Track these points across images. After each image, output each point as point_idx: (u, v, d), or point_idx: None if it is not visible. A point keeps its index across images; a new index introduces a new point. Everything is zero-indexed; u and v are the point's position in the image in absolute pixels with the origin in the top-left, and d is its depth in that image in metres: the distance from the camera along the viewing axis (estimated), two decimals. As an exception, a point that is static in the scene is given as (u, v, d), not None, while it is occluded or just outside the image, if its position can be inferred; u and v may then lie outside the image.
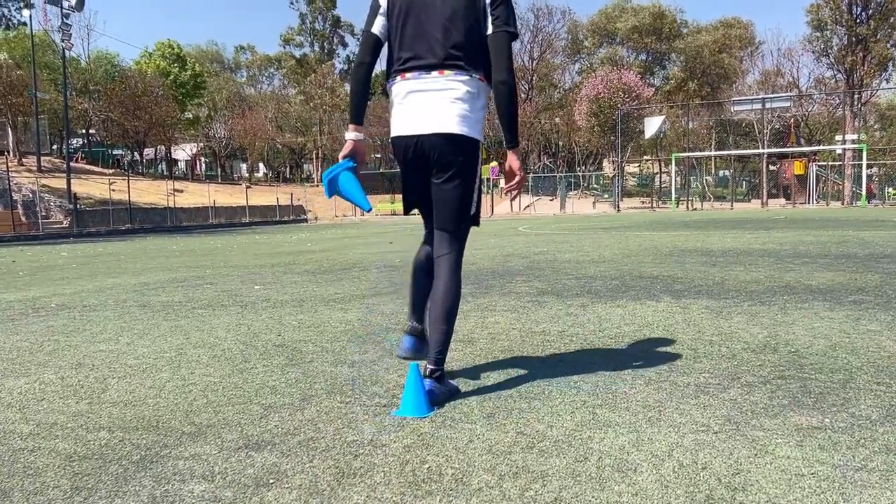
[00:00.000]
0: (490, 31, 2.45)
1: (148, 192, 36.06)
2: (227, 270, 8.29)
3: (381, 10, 2.54)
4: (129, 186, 29.05)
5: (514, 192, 2.65)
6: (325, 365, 3.11)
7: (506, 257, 8.82)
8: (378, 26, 2.54)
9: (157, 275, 8.02)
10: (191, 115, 50.97)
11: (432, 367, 2.47)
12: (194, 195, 38.55)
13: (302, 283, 6.49)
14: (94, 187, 34.21)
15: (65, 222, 28.32)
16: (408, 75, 2.48)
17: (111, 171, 40.21)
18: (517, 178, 2.59)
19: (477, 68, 2.47)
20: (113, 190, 32.16)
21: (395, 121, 2.55)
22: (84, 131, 47.74)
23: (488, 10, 2.44)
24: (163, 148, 53.32)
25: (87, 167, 42.12)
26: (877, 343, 3.23)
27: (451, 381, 2.58)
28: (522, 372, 2.87)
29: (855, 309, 4.16)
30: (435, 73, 2.45)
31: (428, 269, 2.66)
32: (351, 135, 2.58)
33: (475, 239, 13.49)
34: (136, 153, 50.26)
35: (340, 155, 2.57)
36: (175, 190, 37.78)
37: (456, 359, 3.13)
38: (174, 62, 47.61)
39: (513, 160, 2.57)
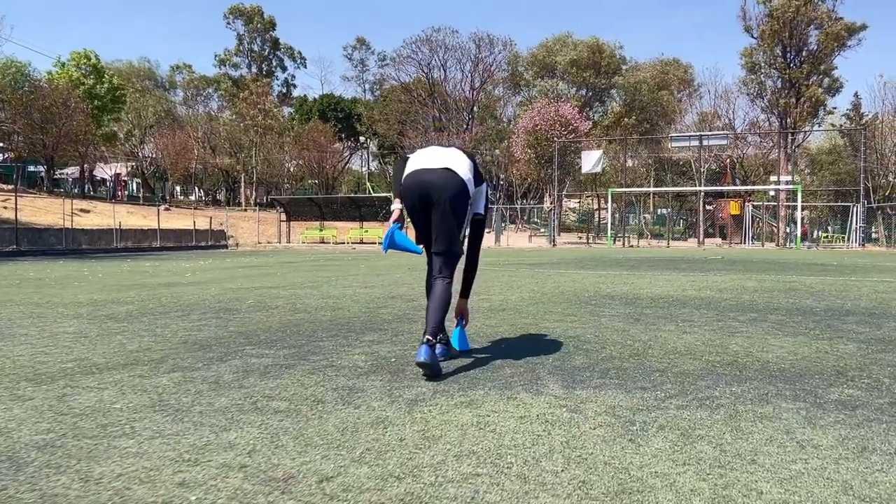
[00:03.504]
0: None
1: (48, 212, 32.86)
2: (9, 311, 6.24)
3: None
4: (16, 204, 26.06)
5: None
6: None
7: (386, 300, 7.02)
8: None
9: None
10: (107, 131, 47.58)
11: (430, 337, 3.26)
12: (102, 216, 35.46)
13: (60, 337, 4.53)
14: (-15, 204, 31.06)
15: (-63, 242, 25.19)
16: None
17: (9, 187, 36.83)
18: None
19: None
20: (4, 208, 29.13)
21: None
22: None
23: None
24: (88, 166, 49.75)
25: (-15, 182, 38.63)
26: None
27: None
28: None
29: (848, 420, 2.53)
30: None
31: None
32: (396, 206, 3.58)
33: (368, 274, 11.65)
34: (53, 170, 46.59)
35: (391, 220, 3.52)
36: (80, 210, 34.82)
37: None
38: (90, 73, 44.42)
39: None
